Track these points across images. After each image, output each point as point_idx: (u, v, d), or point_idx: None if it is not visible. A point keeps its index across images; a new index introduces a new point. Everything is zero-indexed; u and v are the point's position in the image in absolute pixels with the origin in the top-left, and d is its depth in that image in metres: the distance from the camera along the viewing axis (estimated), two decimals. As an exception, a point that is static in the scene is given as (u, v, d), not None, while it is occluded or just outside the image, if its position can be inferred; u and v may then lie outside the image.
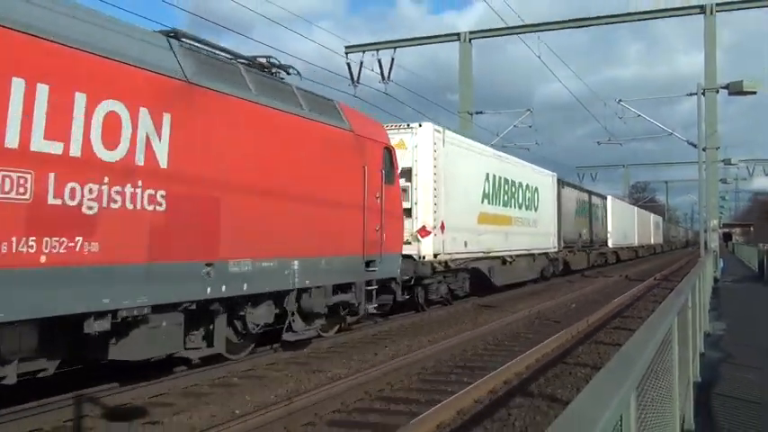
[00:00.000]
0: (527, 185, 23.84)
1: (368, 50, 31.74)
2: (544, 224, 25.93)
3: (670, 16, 30.15)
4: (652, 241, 63.39)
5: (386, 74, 29.93)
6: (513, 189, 22.18)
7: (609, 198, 41.56)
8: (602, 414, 1.84)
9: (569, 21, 31.09)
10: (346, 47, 32.08)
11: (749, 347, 10.96)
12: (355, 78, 29.95)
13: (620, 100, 32.30)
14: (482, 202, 19.23)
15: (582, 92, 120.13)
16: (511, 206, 21.80)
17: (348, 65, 30.42)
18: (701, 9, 28.56)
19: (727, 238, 76.51)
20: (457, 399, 7.74)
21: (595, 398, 2.02)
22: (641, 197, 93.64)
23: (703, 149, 25.33)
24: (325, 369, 9.86)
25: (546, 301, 19.26)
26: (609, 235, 40.05)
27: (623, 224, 45.16)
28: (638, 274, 33.47)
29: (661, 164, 73.16)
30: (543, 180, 26.55)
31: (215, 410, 7.63)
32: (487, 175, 19.71)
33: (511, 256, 21.52)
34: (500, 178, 20.75)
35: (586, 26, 31.07)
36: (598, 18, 31.00)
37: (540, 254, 25.62)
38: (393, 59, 30.29)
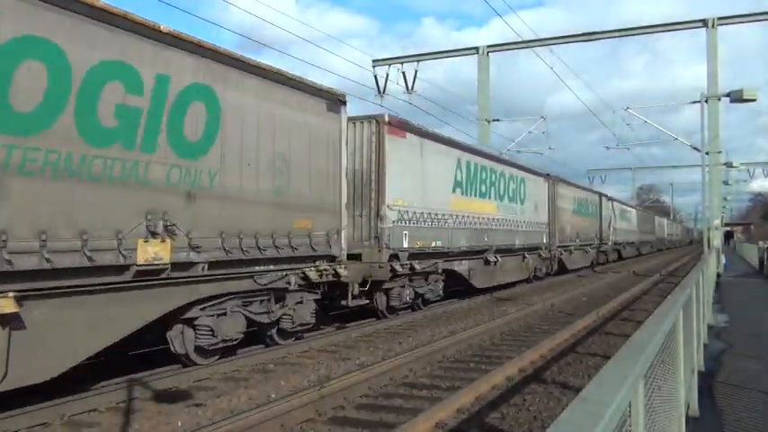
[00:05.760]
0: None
1: (393, 64, 31.59)
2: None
3: (674, 30, 29.64)
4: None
5: (410, 85, 29.89)
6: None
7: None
8: (612, 400, 1.81)
9: (579, 35, 30.68)
10: (373, 60, 31.98)
11: (750, 338, 10.79)
12: (381, 90, 29.94)
13: (628, 108, 31.97)
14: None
15: (592, 101, 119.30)
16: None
17: (375, 77, 30.37)
18: (704, 23, 28.12)
19: (728, 236, 75.17)
20: (476, 385, 7.68)
21: (606, 385, 1.98)
22: (648, 198, 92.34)
23: (706, 153, 25.02)
24: (354, 357, 9.86)
25: (559, 295, 19.08)
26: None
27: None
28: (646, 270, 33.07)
29: (666, 167, 71.70)
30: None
31: (253, 394, 7.66)
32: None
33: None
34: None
35: (595, 40, 30.57)
36: (606, 32, 30.64)
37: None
38: (416, 72, 30.20)
